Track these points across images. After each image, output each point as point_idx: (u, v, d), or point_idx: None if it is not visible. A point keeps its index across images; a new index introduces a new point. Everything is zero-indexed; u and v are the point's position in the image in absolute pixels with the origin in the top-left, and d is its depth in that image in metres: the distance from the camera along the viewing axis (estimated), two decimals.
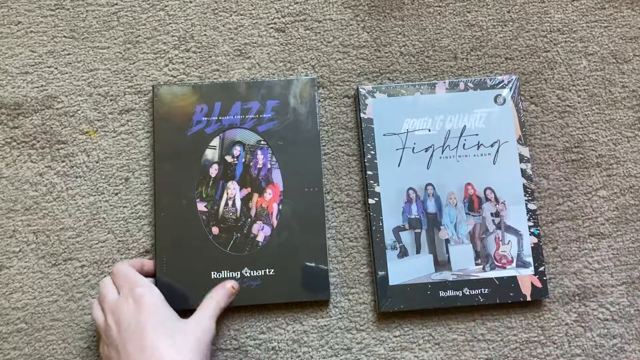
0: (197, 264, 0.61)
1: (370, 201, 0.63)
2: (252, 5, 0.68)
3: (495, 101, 0.65)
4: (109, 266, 0.62)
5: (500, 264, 0.62)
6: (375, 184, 0.63)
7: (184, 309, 0.60)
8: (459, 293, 0.61)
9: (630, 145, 0.66)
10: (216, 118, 0.64)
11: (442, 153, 0.64)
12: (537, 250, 0.62)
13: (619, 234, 0.64)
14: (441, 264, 0.62)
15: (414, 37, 0.68)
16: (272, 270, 0.62)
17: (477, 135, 0.64)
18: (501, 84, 0.65)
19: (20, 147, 0.64)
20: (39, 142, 0.65)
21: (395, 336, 0.62)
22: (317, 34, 0.68)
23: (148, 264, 0.61)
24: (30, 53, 0.66)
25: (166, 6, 0.68)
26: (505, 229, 0.63)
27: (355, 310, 0.62)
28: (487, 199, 0.63)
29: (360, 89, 0.65)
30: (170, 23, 0.68)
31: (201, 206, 0.63)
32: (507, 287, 0.62)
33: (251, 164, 0.64)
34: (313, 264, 0.62)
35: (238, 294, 0.60)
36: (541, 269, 0.62)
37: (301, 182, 0.63)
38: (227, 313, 0.62)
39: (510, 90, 0.65)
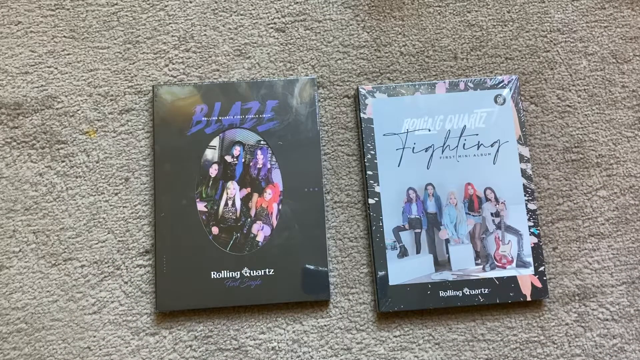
0: (197, 263, 0.61)
1: (370, 201, 0.63)
2: (252, 5, 0.68)
3: (495, 101, 0.65)
4: (108, 266, 0.62)
5: (500, 264, 0.62)
6: (375, 184, 0.63)
7: (183, 309, 0.61)
8: (459, 293, 0.61)
9: (630, 145, 0.66)
10: (216, 118, 0.64)
11: (442, 153, 0.64)
12: (537, 250, 0.62)
13: (619, 234, 0.64)
14: (441, 264, 0.62)
15: (414, 37, 0.68)
16: (272, 270, 0.62)
17: (477, 135, 0.64)
18: (501, 84, 0.65)
19: (20, 147, 0.64)
20: (39, 142, 0.65)
21: (395, 336, 0.62)
22: (317, 34, 0.68)
23: None
24: (30, 53, 0.66)
25: (166, 6, 0.68)
26: (505, 229, 0.63)
27: (355, 310, 0.62)
28: (487, 199, 0.63)
29: (360, 89, 0.65)
30: (170, 23, 0.68)
31: (201, 206, 0.63)
32: (507, 287, 0.62)
33: (251, 164, 0.64)
34: (312, 266, 0.62)
35: (238, 294, 0.60)
36: (541, 269, 0.62)
37: (301, 182, 0.63)
38: (227, 313, 0.62)
39: (510, 90, 0.65)
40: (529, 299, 0.61)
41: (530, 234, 0.63)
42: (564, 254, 0.64)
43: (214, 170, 0.64)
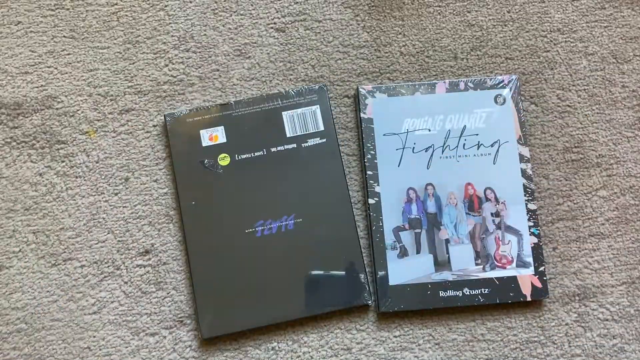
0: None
1: (370, 201, 0.63)
2: (252, 5, 0.68)
3: (496, 101, 0.65)
4: (108, 266, 0.62)
5: (500, 264, 0.62)
6: (375, 184, 0.63)
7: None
8: (459, 293, 0.61)
9: (630, 145, 0.66)
10: None
11: (442, 153, 0.64)
12: (537, 250, 0.62)
13: (619, 234, 0.64)
14: (441, 264, 0.62)
15: (414, 37, 0.68)
16: None
17: (477, 135, 0.64)
18: (501, 84, 0.65)
19: (20, 147, 0.64)
20: (38, 142, 0.65)
21: (395, 336, 0.62)
22: (317, 34, 0.68)
23: None
24: (30, 53, 0.66)
25: (166, 6, 0.68)
26: (505, 229, 0.63)
27: (355, 310, 0.62)
28: (487, 199, 0.63)
29: (360, 89, 0.65)
30: (170, 23, 0.68)
31: None
32: (507, 287, 0.61)
33: None
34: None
35: None
36: (541, 269, 0.62)
37: None
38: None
39: (511, 90, 0.65)
40: (529, 299, 0.61)
41: (530, 234, 0.63)
42: (564, 254, 0.64)
43: None
